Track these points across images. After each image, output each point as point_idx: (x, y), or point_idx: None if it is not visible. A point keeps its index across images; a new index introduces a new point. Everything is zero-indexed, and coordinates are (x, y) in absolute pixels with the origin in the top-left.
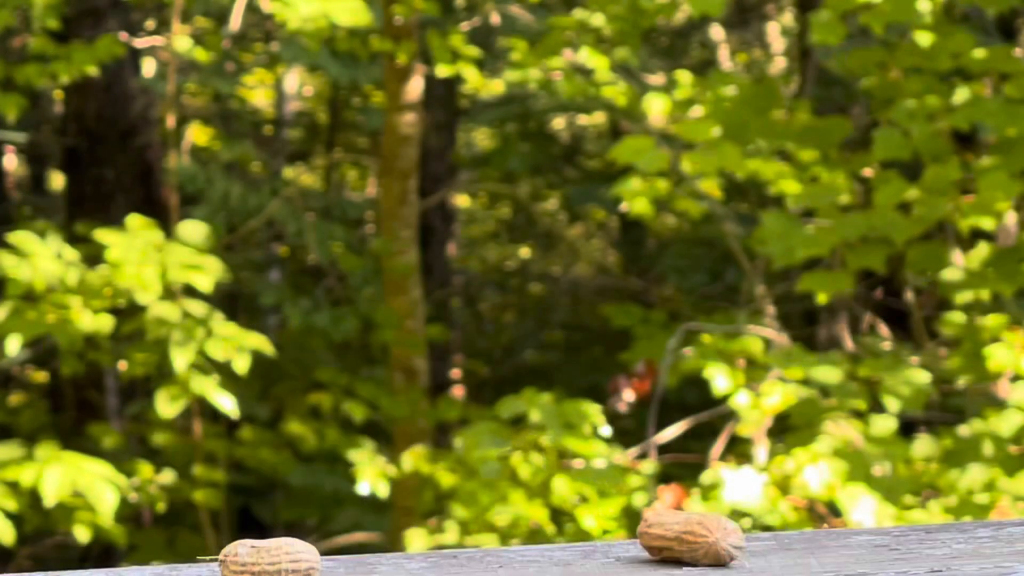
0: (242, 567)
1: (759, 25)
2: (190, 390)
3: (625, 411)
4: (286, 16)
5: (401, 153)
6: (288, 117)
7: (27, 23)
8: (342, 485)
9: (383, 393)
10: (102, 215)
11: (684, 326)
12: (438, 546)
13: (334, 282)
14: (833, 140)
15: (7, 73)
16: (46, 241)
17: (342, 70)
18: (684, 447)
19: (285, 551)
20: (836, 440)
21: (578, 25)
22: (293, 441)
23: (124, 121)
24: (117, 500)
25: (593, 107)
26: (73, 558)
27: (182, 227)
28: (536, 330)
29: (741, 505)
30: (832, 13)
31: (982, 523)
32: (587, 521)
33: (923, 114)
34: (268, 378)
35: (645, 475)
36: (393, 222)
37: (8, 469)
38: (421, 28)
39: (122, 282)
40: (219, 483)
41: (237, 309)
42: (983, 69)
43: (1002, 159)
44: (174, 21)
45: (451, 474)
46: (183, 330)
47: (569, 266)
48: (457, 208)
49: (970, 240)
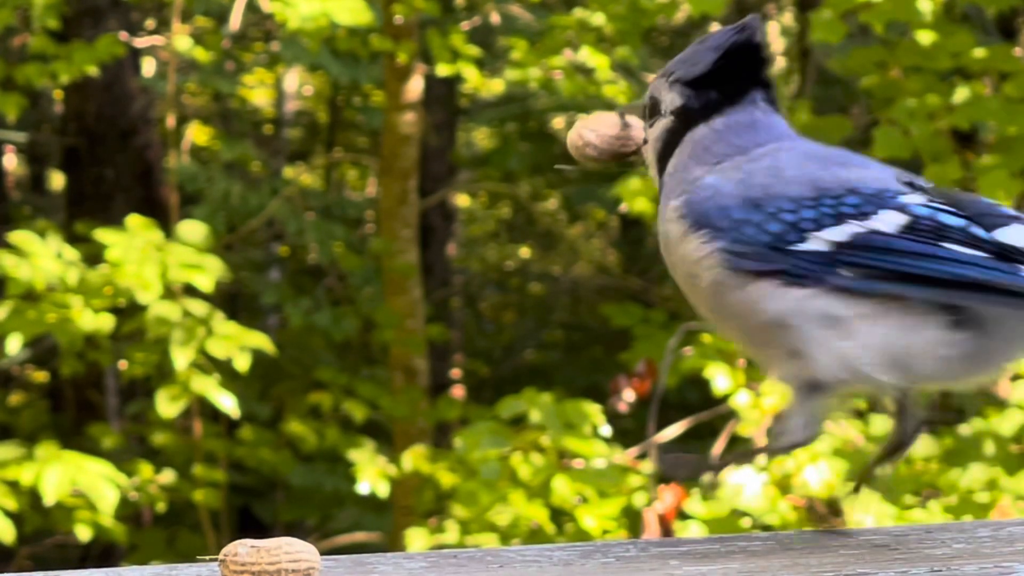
0: (242, 567)
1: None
2: (190, 390)
3: (625, 411)
4: (286, 15)
5: (401, 153)
6: (288, 117)
7: (27, 23)
8: (342, 485)
9: (383, 393)
10: (102, 215)
11: (684, 326)
12: (438, 546)
13: (334, 282)
14: (833, 140)
15: (7, 73)
16: (46, 241)
17: (342, 70)
18: (684, 447)
19: (285, 551)
20: (836, 440)
21: (578, 24)
22: (293, 441)
23: (124, 121)
24: (117, 499)
25: (593, 107)
26: (73, 558)
27: (182, 227)
28: (536, 330)
29: (741, 505)
30: (832, 12)
31: (982, 523)
32: (587, 521)
33: (923, 113)
34: (268, 378)
35: (645, 475)
36: (393, 222)
37: (8, 469)
38: (421, 28)
39: (122, 281)
40: (219, 483)
41: (237, 309)
42: (983, 68)
43: (1002, 158)
44: (174, 21)
45: (451, 474)
46: (184, 329)
47: (569, 266)
48: (457, 208)
49: None
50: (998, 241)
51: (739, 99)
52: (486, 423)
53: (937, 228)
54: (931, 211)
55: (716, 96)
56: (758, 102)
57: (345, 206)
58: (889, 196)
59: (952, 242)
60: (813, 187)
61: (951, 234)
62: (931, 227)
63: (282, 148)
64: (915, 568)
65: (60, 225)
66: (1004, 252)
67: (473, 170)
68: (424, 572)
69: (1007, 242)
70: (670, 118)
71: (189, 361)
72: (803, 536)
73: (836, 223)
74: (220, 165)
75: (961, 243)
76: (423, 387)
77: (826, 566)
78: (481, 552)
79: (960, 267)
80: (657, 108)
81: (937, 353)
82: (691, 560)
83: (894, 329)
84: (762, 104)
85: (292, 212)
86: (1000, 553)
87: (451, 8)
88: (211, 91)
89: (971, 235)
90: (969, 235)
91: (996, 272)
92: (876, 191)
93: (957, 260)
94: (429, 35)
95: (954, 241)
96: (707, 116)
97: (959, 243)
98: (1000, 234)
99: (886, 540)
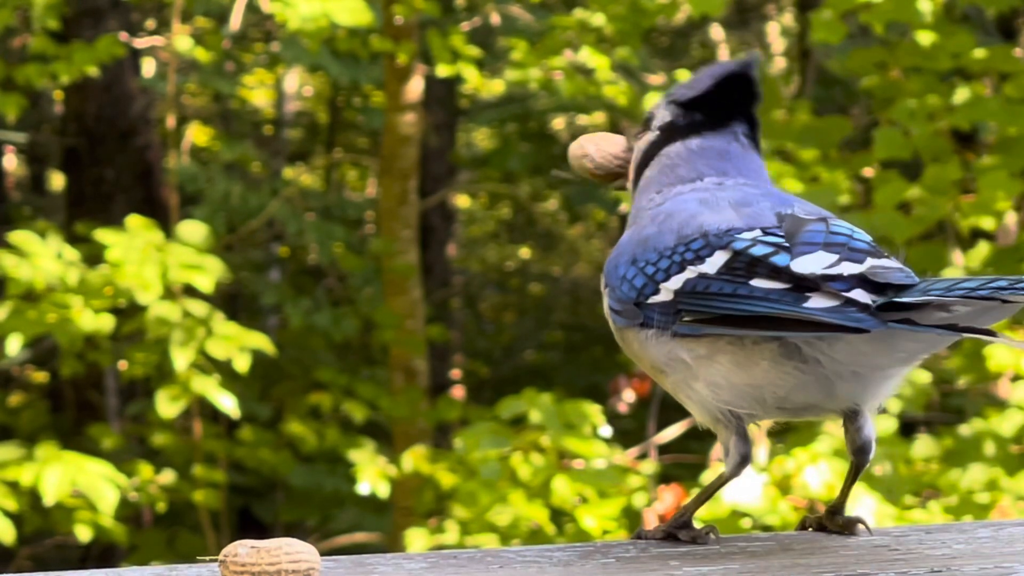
0: (242, 567)
1: (759, 25)
2: (191, 390)
3: (625, 411)
4: (286, 16)
5: (401, 153)
6: (288, 117)
7: (27, 23)
8: (342, 485)
9: (383, 393)
10: (102, 215)
11: None
12: (438, 546)
13: (334, 282)
14: (833, 140)
15: (7, 73)
16: (46, 241)
17: (342, 70)
18: (684, 447)
19: (285, 551)
20: (836, 440)
21: (578, 25)
22: (293, 441)
23: (124, 121)
24: (117, 499)
25: (593, 107)
26: (73, 558)
27: (182, 227)
28: (536, 330)
29: (741, 505)
30: (832, 13)
31: (982, 523)
32: (587, 521)
33: (923, 114)
34: (268, 378)
35: (645, 475)
36: (393, 222)
37: (8, 469)
38: (421, 28)
39: (122, 282)
40: (219, 483)
41: (237, 309)
42: (983, 69)
43: (1002, 158)
44: (174, 21)
45: (451, 474)
46: (183, 330)
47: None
48: (457, 208)
49: (970, 240)
50: (792, 271)
51: (721, 127)
52: (486, 423)
53: (750, 263)
54: (749, 245)
55: (700, 118)
56: (738, 135)
57: (345, 206)
58: (729, 235)
59: (759, 277)
60: (677, 235)
61: (759, 268)
62: (745, 263)
63: (282, 149)
64: (915, 568)
65: (60, 225)
66: (798, 281)
67: (473, 170)
68: (424, 572)
69: (800, 271)
70: (656, 133)
71: (189, 361)
72: (803, 536)
73: (679, 271)
74: (220, 166)
75: (765, 276)
76: (423, 388)
77: (826, 566)
78: (481, 552)
79: (755, 303)
80: (649, 123)
81: (778, 383)
82: (691, 560)
83: (731, 366)
84: (742, 139)
85: (292, 212)
86: (1000, 554)
87: (451, 9)
88: (211, 92)
89: (772, 266)
90: (771, 267)
91: (779, 305)
92: (723, 231)
93: (753, 297)
94: (429, 35)
95: (760, 276)
96: (687, 136)
97: (764, 276)
98: (799, 263)
99: (886, 540)
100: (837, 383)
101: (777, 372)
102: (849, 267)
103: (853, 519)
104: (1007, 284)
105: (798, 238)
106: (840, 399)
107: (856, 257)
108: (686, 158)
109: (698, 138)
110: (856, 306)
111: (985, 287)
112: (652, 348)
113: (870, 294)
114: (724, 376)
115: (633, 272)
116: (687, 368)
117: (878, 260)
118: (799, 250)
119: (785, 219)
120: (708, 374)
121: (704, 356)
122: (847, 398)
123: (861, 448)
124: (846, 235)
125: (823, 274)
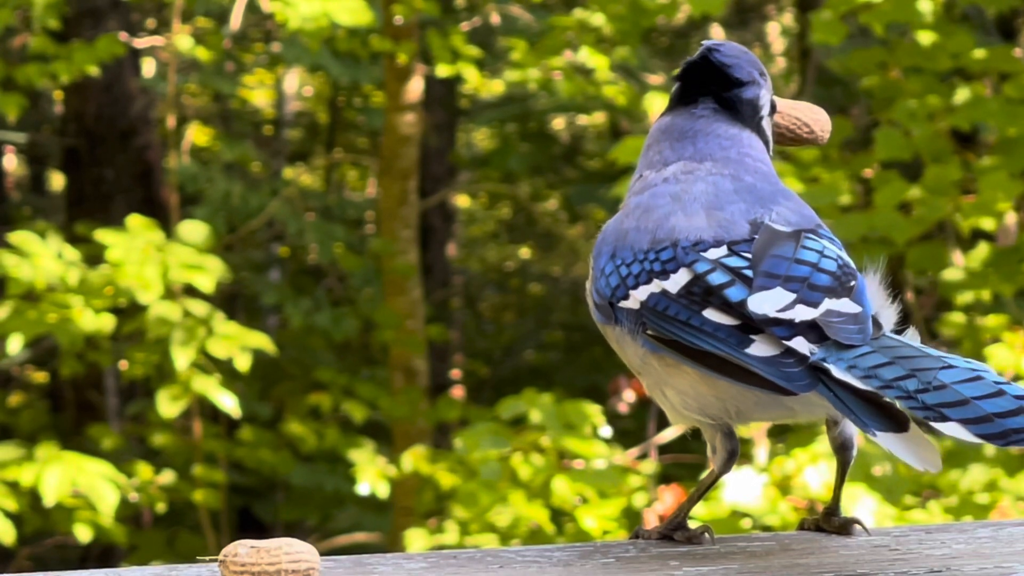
0: (242, 567)
1: (759, 25)
2: (191, 390)
3: (625, 411)
4: (286, 16)
5: (401, 153)
6: (288, 117)
7: (27, 23)
8: (342, 485)
9: (383, 393)
10: (102, 215)
11: None
12: (438, 546)
13: (334, 282)
14: (833, 140)
15: (7, 73)
16: (46, 241)
17: (342, 70)
18: (684, 447)
19: (285, 551)
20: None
21: (578, 25)
22: (293, 441)
23: (124, 121)
24: (117, 500)
25: (593, 107)
26: (73, 559)
27: (182, 227)
28: (536, 330)
29: (741, 505)
30: (833, 13)
31: (982, 523)
32: (587, 522)
33: (923, 114)
34: (268, 378)
35: (645, 475)
36: (393, 222)
37: (8, 469)
38: (421, 28)
39: (123, 282)
40: (219, 483)
41: (237, 309)
42: (983, 69)
43: (1002, 159)
44: (174, 21)
45: (451, 475)
46: (184, 330)
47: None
48: (457, 208)
49: (970, 240)
50: (741, 311)
51: (690, 103)
52: (486, 424)
53: (705, 291)
54: (710, 269)
55: (677, 92)
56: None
57: (345, 207)
58: (696, 250)
59: (712, 307)
60: (652, 239)
61: (712, 299)
62: (702, 290)
63: (282, 149)
64: (915, 568)
65: (60, 226)
66: (747, 320)
67: (473, 171)
68: (424, 573)
69: (753, 311)
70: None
71: (189, 361)
72: (803, 536)
73: (646, 281)
74: (220, 166)
75: (718, 307)
76: (423, 387)
77: (826, 566)
78: (481, 553)
79: (703, 339)
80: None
81: (740, 399)
82: (691, 560)
83: (697, 377)
84: (705, 111)
85: (292, 213)
86: (1000, 554)
87: (451, 9)
88: (211, 92)
89: (725, 300)
90: (723, 300)
91: (723, 346)
92: (692, 243)
93: (703, 331)
94: (429, 36)
95: (713, 306)
96: (666, 112)
97: (716, 308)
98: (755, 300)
99: (886, 540)
100: (795, 406)
101: (738, 390)
102: (803, 311)
103: (850, 520)
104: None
105: (762, 266)
106: (804, 416)
107: (813, 299)
108: (657, 138)
109: (667, 116)
110: (795, 357)
111: (919, 407)
112: (628, 348)
113: (812, 344)
114: (691, 386)
115: (611, 268)
116: (658, 373)
117: (836, 301)
118: (759, 283)
119: (759, 231)
120: (676, 383)
121: (672, 365)
122: (810, 415)
123: (843, 445)
124: (811, 264)
125: (774, 318)
